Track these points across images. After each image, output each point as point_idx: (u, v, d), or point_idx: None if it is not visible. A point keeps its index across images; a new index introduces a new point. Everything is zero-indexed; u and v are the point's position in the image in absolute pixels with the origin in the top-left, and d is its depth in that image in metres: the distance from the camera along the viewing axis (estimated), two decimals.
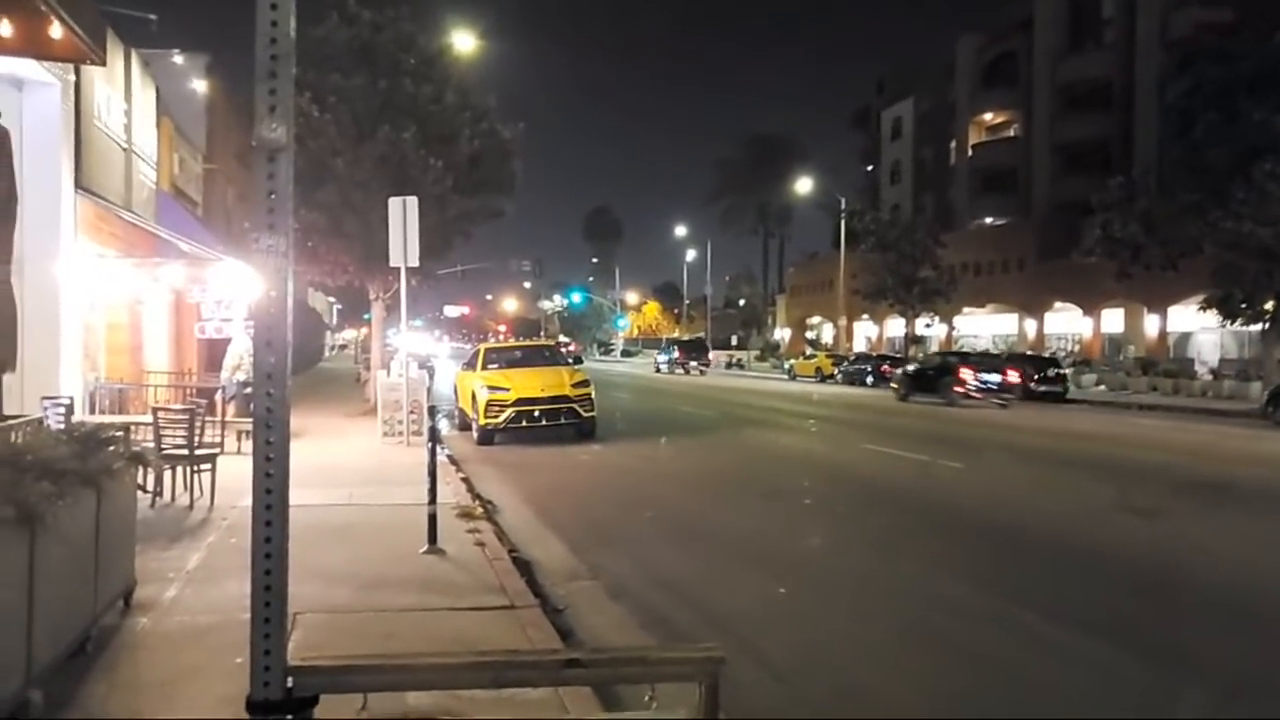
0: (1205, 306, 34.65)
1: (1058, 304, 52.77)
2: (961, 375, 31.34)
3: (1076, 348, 52.01)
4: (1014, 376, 31.98)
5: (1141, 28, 53.48)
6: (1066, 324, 53.42)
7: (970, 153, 66.08)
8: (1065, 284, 50.67)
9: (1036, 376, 33.90)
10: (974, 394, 30.60)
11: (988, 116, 66.18)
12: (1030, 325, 55.34)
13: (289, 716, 2.32)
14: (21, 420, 6.90)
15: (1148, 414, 28.53)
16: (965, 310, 56.72)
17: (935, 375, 32.96)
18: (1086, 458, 16.78)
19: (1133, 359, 42.50)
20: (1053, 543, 9.72)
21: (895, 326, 61.74)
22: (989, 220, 63.60)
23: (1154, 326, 46.45)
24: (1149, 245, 36.82)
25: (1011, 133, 64.40)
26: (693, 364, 58.26)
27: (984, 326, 59.78)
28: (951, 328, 57.82)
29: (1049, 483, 14.19)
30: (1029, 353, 43.17)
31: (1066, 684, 5.71)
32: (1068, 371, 36.88)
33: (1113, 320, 49.95)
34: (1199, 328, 42.89)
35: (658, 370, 59.94)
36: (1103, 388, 38.33)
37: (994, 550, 9.45)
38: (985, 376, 31.31)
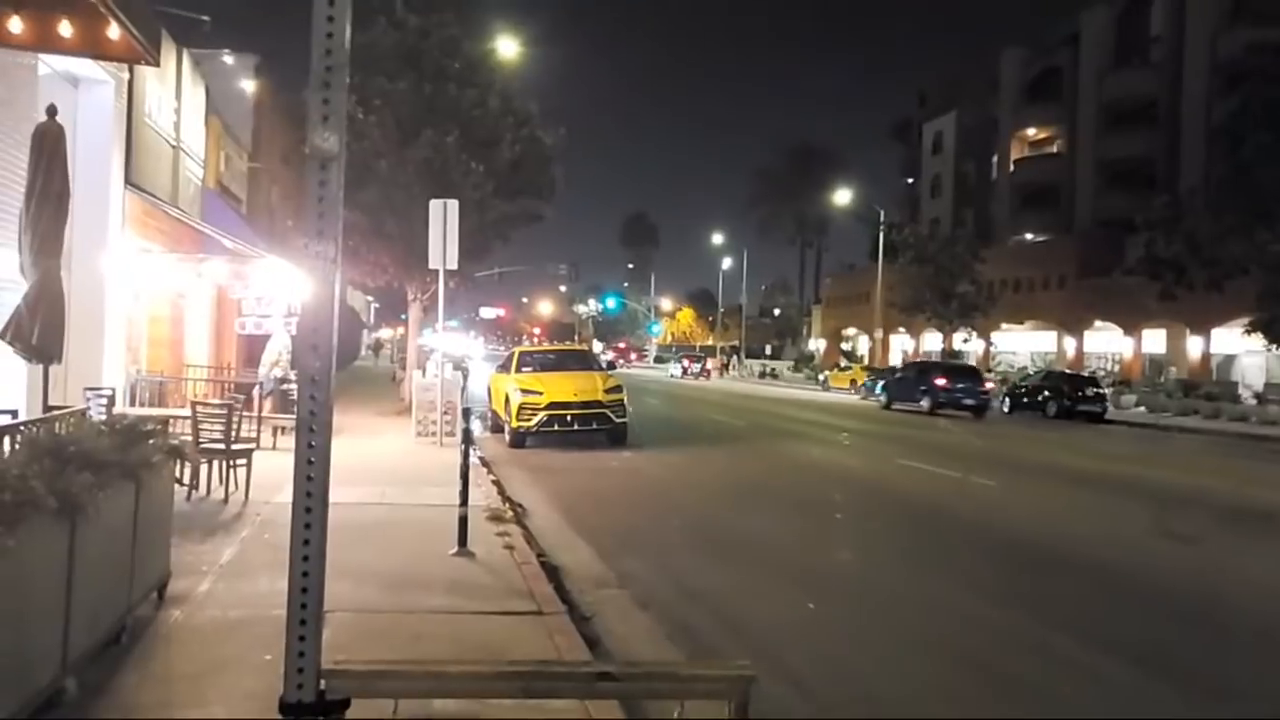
0: (1251, 329, 34.18)
1: (1098, 323, 52.20)
2: (936, 383, 33.21)
3: (1116, 368, 51.41)
4: (988, 386, 34.45)
5: (1190, 46, 52.89)
6: (1106, 343, 52.83)
7: (1012, 168, 65.59)
8: (1106, 303, 50.10)
9: (1075, 396, 33.63)
10: (945, 402, 32.75)
11: (1030, 132, 65.68)
12: (1070, 343, 54.76)
13: (320, 718, 2.35)
14: (65, 411, 7.02)
15: (1189, 437, 28.14)
16: (1004, 326, 56.24)
17: (914, 383, 34.86)
18: (1125, 480, 16.55)
19: (1174, 381, 41.91)
20: (1087, 565, 9.59)
21: (932, 341, 61.29)
22: (1030, 236, 63.07)
23: (1197, 348, 45.80)
24: (1193, 265, 36.35)
25: (1054, 149, 63.89)
26: (695, 369, 68.93)
27: (1022, 343, 59.22)
28: (989, 343, 57.35)
29: (1085, 504, 14.02)
30: (1067, 371, 42.67)
31: (1099, 711, 5.64)
32: (1107, 391, 36.44)
33: (1154, 341, 49.33)
34: (1243, 351, 42.26)
35: (671, 376, 68.29)
36: (1142, 409, 37.80)
37: (1027, 571, 9.35)
38: (959, 385, 33.11)
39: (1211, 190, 38.77)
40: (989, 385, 34.52)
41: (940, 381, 33.45)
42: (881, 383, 38.86)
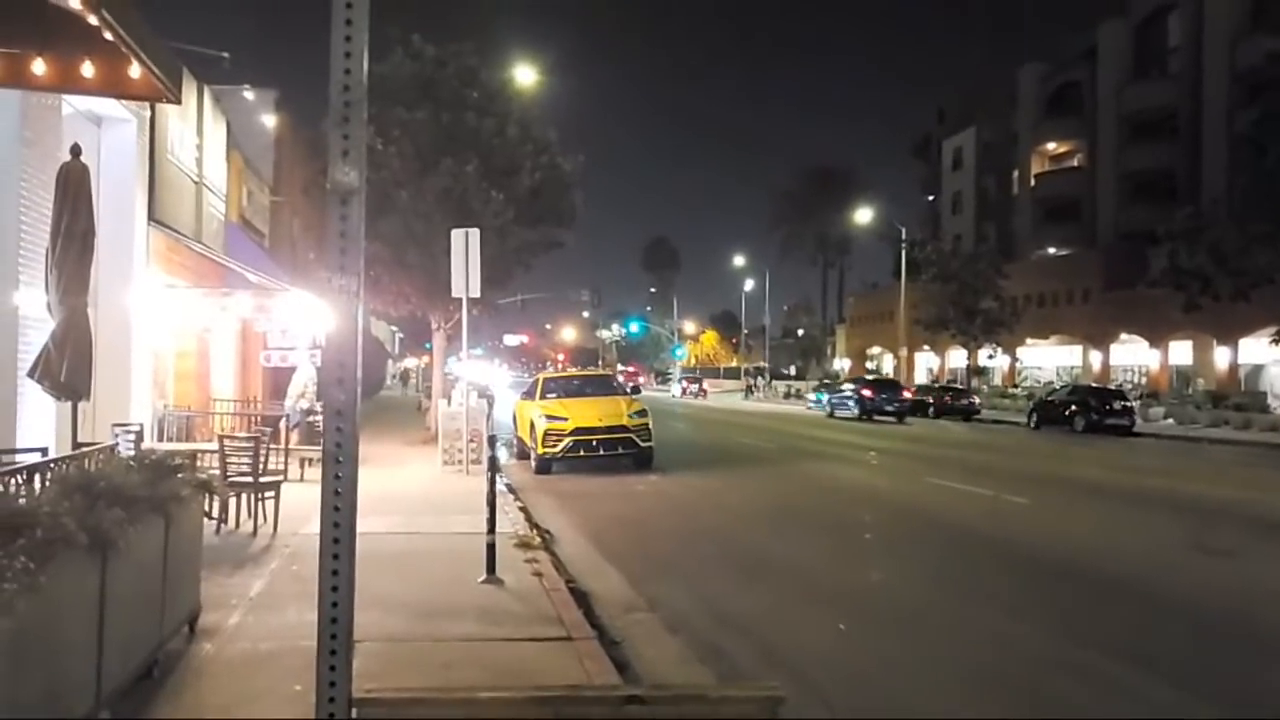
0: (1278, 339, 33.83)
1: (1123, 335, 51.81)
2: (864, 394, 40.72)
3: (1143, 380, 50.97)
4: (906, 395, 41.72)
5: (1209, 56, 52.67)
6: (1132, 356, 52.40)
7: (1033, 182, 65.37)
8: (1131, 315, 49.75)
9: (1103, 409, 33.41)
10: (871, 410, 39.83)
11: (1051, 146, 65.49)
12: (1095, 357, 54.36)
13: None
14: (95, 447, 7.08)
15: (1220, 448, 27.84)
16: (1029, 341, 55.94)
17: (848, 395, 42.30)
18: (1157, 494, 16.39)
19: (1203, 392, 41.51)
20: (1122, 582, 9.47)
21: (957, 357, 61.00)
22: (1052, 250, 62.76)
23: (1224, 359, 45.38)
24: (1218, 276, 36.09)
25: (1075, 162, 63.66)
26: (694, 389, 73.85)
27: (1048, 358, 58.87)
28: (1015, 359, 57.02)
29: (1119, 520, 13.86)
30: (1094, 385, 42.36)
31: None
32: (1135, 404, 36.13)
33: (1181, 352, 48.90)
34: (1271, 360, 41.86)
35: (673, 395, 74.47)
36: (1171, 421, 37.44)
37: (1061, 589, 9.25)
38: (883, 395, 40.59)
39: (1235, 200, 38.52)
40: (906, 394, 42.03)
41: (866, 393, 40.75)
42: (827, 396, 46.65)
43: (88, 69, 6.64)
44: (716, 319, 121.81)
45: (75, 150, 7.68)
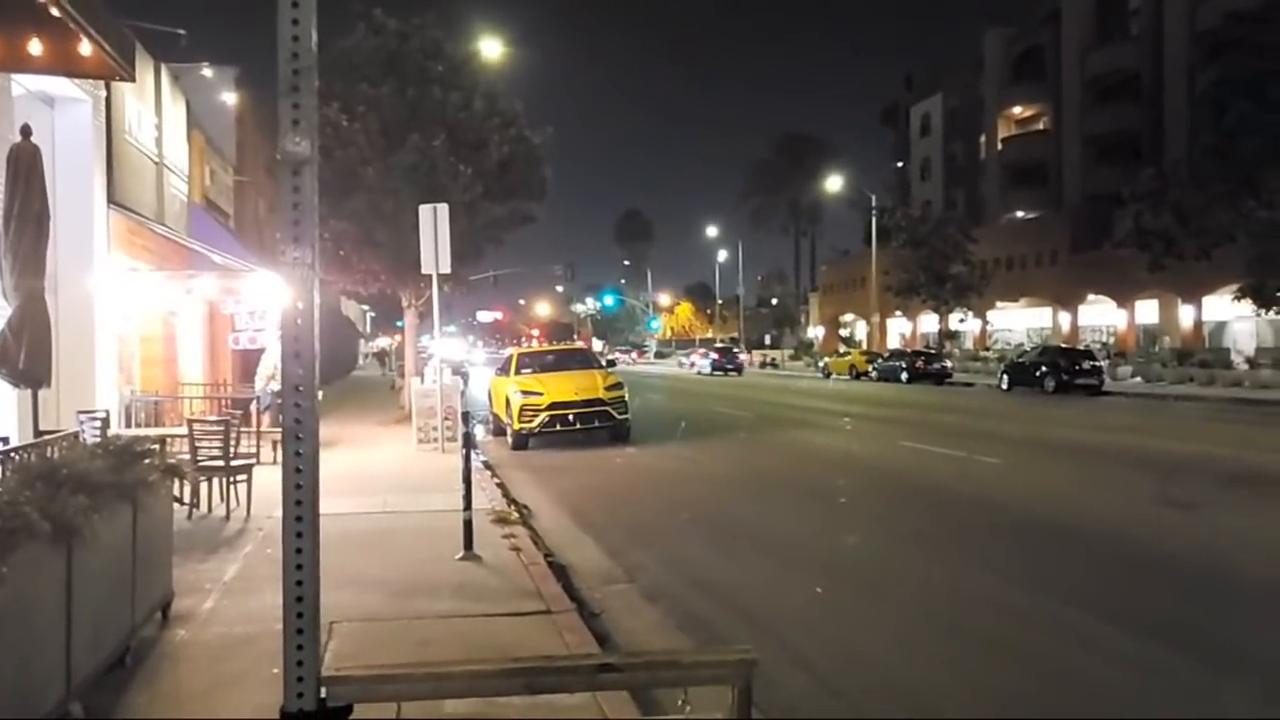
0: (1240, 296, 34.27)
1: (1091, 296, 52.23)
2: (712, 356, 59.97)
3: (1111, 340, 51.45)
4: (742, 357, 61.23)
5: (1169, 18, 52.87)
6: (1100, 316, 52.87)
7: (1000, 147, 65.56)
8: (1098, 276, 50.14)
9: (1072, 370, 33.70)
10: (717, 368, 57.57)
11: (1017, 110, 65.66)
12: (1064, 318, 54.84)
13: None
14: (57, 435, 6.98)
15: (1186, 404, 28.17)
16: (999, 305, 56.31)
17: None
18: (1127, 451, 16.54)
19: (1168, 350, 41.97)
20: (1096, 538, 9.57)
21: (929, 322, 61.38)
22: (1020, 214, 63.08)
23: (1189, 317, 45.90)
24: (1182, 236, 36.46)
25: (1041, 126, 63.88)
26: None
27: (1018, 320, 59.31)
28: (985, 322, 57.39)
29: (1090, 478, 14.00)
30: (1063, 345, 42.70)
31: (1113, 681, 5.63)
32: (1103, 364, 36.47)
33: (1147, 311, 49.39)
34: (1234, 317, 42.32)
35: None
36: (1139, 379, 37.86)
37: (1036, 547, 9.32)
38: (721, 353, 60.52)
39: (1196, 160, 38.82)
40: (741, 358, 61.56)
41: (714, 355, 60.00)
42: (711, 358, 60.95)
43: (36, 47, 6.49)
44: (691, 290, 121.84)
45: (25, 131, 7.50)
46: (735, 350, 66.05)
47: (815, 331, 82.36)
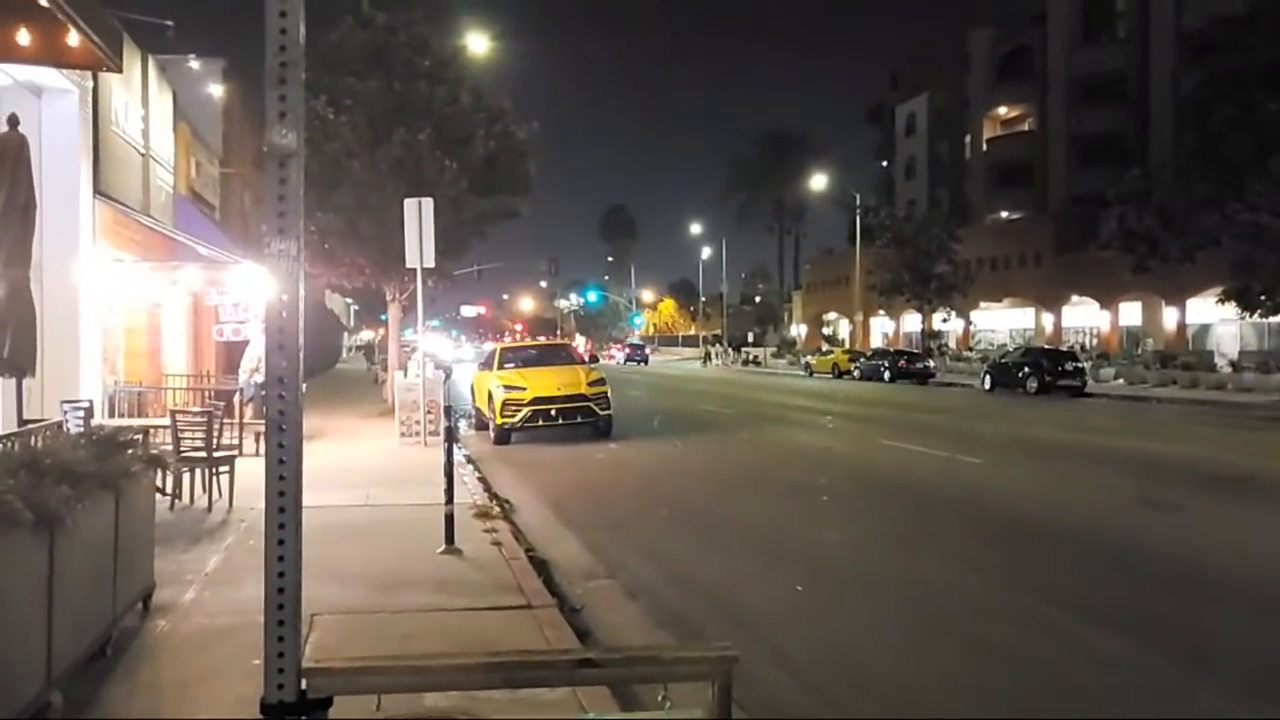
0: (1224, 299, 34.46)
1: (1075, 298, 52.49)
2: (614, 349, 72.58)
3: (1094, 341, 51.72)
4: (647, 350, 74.69)
5: (1155, 20, 53.20)
6: (1084, 318, 53.13)
7: (985, 147, 65.79)
8: (1082, 278, 50.38)
9: (1055, 371, 33.86)
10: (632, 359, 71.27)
11: (1002, 110, 65.90)
12: (1048, 319, 55.08)
13: (303, 718, 2.33)
14: (41, 424, 6.96)
15: (1168, 407, 28.35)
16: (982, 305, 56.56)
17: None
18: (1108, 452, 16.65)
19: (1152, 352, 42.22)
20: (1075, 538, 9.64)
21: (912, 322, 61.60)
22: (1005, 214, 63.31)
23: (1172, 319, 46.17)
24: (1166, 238, 36.67)
25: (1026, 126, 64.13)
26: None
27: (1001, 321, 59.56)
28: (969, 322, 57.65)
29: (1071, 478, 14.09)
30: (1046, 346, 42.91)
31: (1090, 680, 5.68)
32: (1086, 365, 36.66)
33: (1130, 313, 49.67)
34: (1218, 320, 42.61)
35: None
36: (1121, 381, 38.06)
37: (1016, 546, 9.39)
38: (632, 349, 76.07)
39: (1181, 163, 39.05)
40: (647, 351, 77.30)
41: (627, 350, 76.04)
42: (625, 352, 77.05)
43: (23, 37, 6.47)
44: (675, 287, 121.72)
45: (13, 121, 7.47)
46: (643, 346, 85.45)
47: (798, 329, 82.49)
